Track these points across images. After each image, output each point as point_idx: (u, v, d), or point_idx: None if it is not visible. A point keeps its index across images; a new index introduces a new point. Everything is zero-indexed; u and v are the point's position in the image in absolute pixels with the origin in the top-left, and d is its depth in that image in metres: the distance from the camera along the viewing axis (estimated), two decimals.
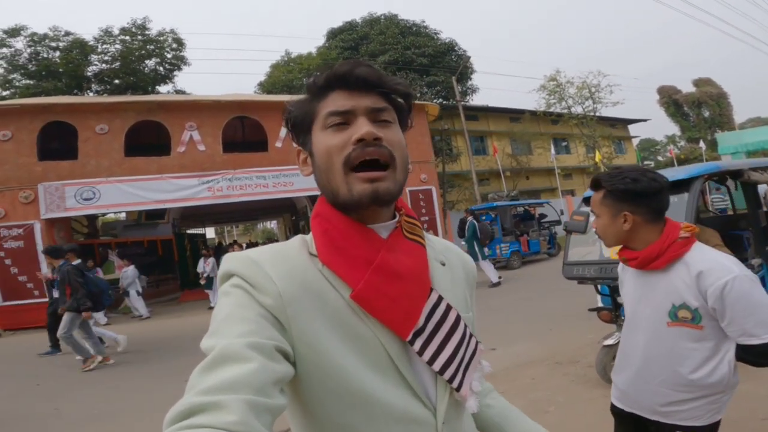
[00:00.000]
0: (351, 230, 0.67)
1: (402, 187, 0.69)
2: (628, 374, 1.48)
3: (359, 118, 0.66)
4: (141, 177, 10.94)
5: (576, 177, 27.16)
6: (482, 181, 21.83)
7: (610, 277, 3.54)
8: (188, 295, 13.56)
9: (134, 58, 16.81)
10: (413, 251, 0.69)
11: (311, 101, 0.70)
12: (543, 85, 21.86)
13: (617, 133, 29.69)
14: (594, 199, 1.44)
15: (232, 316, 0.58)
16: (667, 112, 35.37)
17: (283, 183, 12.17)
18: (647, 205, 1.34)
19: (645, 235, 1.36)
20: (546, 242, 13.78)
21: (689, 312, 1.29)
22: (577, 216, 4.14)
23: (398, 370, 0.64)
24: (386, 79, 0.68)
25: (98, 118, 10.95)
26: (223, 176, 11.65)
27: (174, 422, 0.45)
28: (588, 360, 3.83)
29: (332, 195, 0.68)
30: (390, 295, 0.64)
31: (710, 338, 1.30)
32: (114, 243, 13.38)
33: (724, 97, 34.29)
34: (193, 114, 11.80)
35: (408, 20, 22.39)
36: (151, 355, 6.41)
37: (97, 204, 10.55)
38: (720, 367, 1.30)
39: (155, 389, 4.62)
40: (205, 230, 24.84)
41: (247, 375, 0.49)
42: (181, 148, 11.54)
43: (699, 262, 1.28)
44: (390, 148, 0.66)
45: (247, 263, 0.63)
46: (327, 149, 0.66)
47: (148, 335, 8.11)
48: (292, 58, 22.31)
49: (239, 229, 47.10)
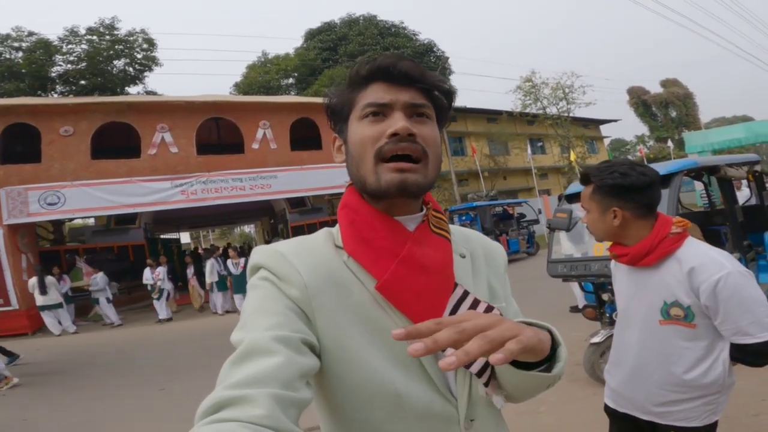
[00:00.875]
0: (378, 221, 0.67)
1: (432, 183, 0.68)
2: (621, 374, 1.43)
3: (396, 113, 0.66)
4: (109, 180, 10.51)
5: (552, 177, 27.69)
6: (461, 181, 21.97)
7: (595, 274, 3.53)
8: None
9: (102, 58, 16.23)
10: (439, 245, 0.69)
11: (351, 90, 0.70)
12: (519, 86, 22.24)
13: (590, 133, 30.44)
14: (583, 194, 1.40)
15: (260, 309, 0.59)
16: (637, 113, 36.41)
17: (260, 185, 11.91)
18: (637, 200, 1.30)
19: (636, 231, 1.32)
20: (525, 241, 13.94)
21: (681, 310, 1.26)
22: (560, 213, 4.14)
23: (422, 364, 0.63)
24: (428, 75, 0.68)
25: (63, 119, 10.47)
26: (198, 179, 11.32)
27: (205, 416, 0.46)
28: (575, 358, 3.81)
29: (361, 183, 0.68)
30: (415, 288, 0.64)
31: (704, 337, 1.26)
32: (82, 249, 12.82)
33: (690, 97, 35.33)
34: (165, 115, 11.43)
35: (387, 21, 22.52)
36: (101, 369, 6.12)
37: (62, 209, 10.06)
38: (714, 367, 1.26)
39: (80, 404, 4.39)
40: (179, 235, 24.13)
41: (274, 369, 0.50)
42: (152, 151, 11.17)
43: (691, 258, 1.24)
44: (423, 145, 0.66)
45: (274, 255, 0.65)
46: (361, 139, 0.67)
47: (116, 343, 7.76)
48: (270, 59, 22.06)
49: (215, 233, 46.11)
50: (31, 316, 9.38)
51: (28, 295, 9.14)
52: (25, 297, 9.26)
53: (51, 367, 6.37)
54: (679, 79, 36.65)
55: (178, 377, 5.06)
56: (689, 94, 35.37)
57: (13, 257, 9.50)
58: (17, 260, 9.72)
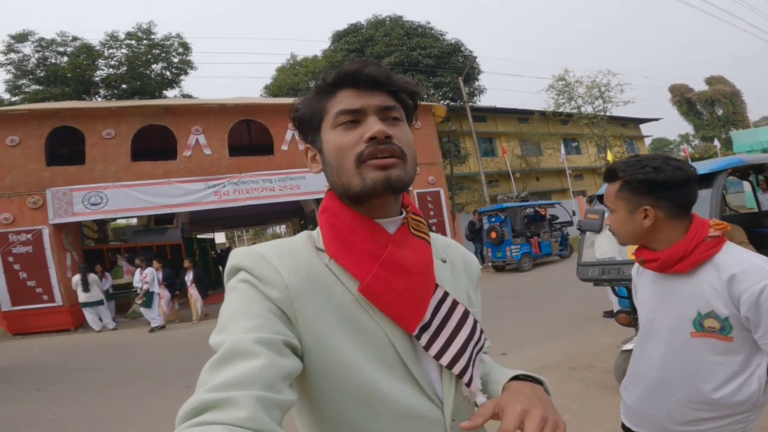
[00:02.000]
0: (358, 224, 0.67)
1: (411, 180, 0.69)
2: (639, 390, 1.30)
3: (370, 117, 0.66)
4: (147, 182, 10.94)
5: (587, 177, 26.79)
6: (491, 182, 21.57)
7: (628, 279, 3.34)
8: None
9: (140, 62, 16.86)
10: (419, 247, 0.70)
11: (320, 99, 0.70)
12: (551, 85, 21.57)
13: (629, 133, 29.27)
14: (608, 192, 1.25)
15: (240, 312, 0.58)
16: (680, 111, 34.96)
17: (289, 186, 12.10)
18: (671, 198, 1.15)
19: (668, 234, 1.17)
20: (558, 243, 13.49)
21: (717, 321, 1.11)
22: (592, 215, 3.95)
23: (405, 365, 0.64)
24: (394, 78, 0.69)
25: (105, 122, 10.99)
26: (229, 180, 11.63)
27: (186, 419, 0.45)
28: (605, 365, 3.63)
29: (343, 189, 0.68)
30: (397, 289, 0.64)
31: (739, 351, 1.12)
32: (123, 248, 13.42)
33: (738, 95, 33.86)
34: (199, 118, 11.81)
35: (413, 21, 22.24)
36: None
37: (104, 209, 10.56)
38: (749, 383, 1.12)
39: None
40: (214, 235, 24.89)
41: (256, 371, 0.50)
42: (188, 152, 11.54)
43: (731, 264, 1.09)
44: (400, 146, 0.66)
45: (254, 257, 0.64)
46: (339, 147, 0.67)
47: (150, 342, 8.02)
48: (298, 62, 22.30)
49: (249, 233, 47.29)
50: (74, 313, 9.85)
51: (71, 292, 9.61)
52: (68, 294, 9.75)
53: (87, 363, 6.66)
54: (725, 77, 34.98)
55: None
56: (737, 91, 33.89)
57: (58, 255, 10.03)
58: (62, 258, 10.26)
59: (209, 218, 17.93)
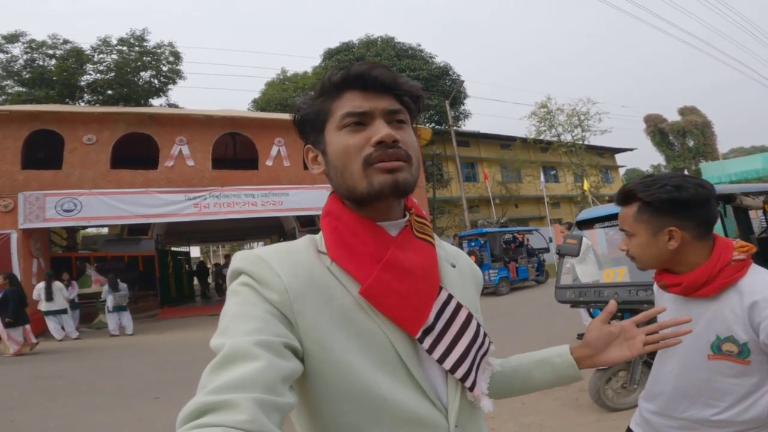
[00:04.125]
0: (360, 227, 0.67)
1: (416, 183, 0.69)
2: (656, 405, 1.30)
3: (377, 120, 0.66)
4: (125, 190, 10.73)
5: (564, 206, 27.46)
6: (472, 207, 21.89)
7: (604, 300, 3.45)
8: (168, 313, 13.23)
9: (130, 69, 16.73)
10: (423, 250, 0.69)
11: (324, 100, 0.69)
12: (534, 112, 22.26)
13: (605, 162, 30.13)
14: (625, 215, 1.21)
15: (240, 315, 0.58)
16: (653, 141, 34.95)
17: (272, 202, 12.04)
18: (695, 217, 1.10)
19: (693, 256, 1.13)
20: (534, 269, 13.73)
21: (736, 346, 1.09)
22: (571, 240, 4.09)
23: (407, 368, 0.63)
24: (401, 82, 0.69)
25: (87, 128, 10.80)
26: (211, 193, 11.50)
27: (186, 422, 0.45)
28: (579, 385, 3.70)
29: (348, 191, 0.68)
30: (399, 291, 0.64)
31: (755, 374, 1.11)
32: (93, 257, 13.00)
33: (709, 126, 33.77)
34: (184, 128, 11.73)
35: (404, 43, 22.77)
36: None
37: (77, 216, 10.27)
38: (759, 403, 1.11)
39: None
40: (189, 248, 24.32)
41: (255, 373, 0.50)
42: (170, 163, 11.40)
43: (756, 290, 1.06)
44: (407, 149, 0.67)
45: (254, 260, 0.64)
46: (345, 149, 0.66)
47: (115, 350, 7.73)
48: (288, 77, 22.39)
49: (225, 249, 46.37)
50: (36, 320, 9.43)
51: (34, 300, 9.23)
52: (31, 301, 9.34)
53: (46, 371, 6.36)
54: (697, 107, 35.06)
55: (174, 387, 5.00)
56: (707, 122, 33.74)
57: (24, 261, 9.65)
58: (28, 264, 9.88)
59: (185, 231, 17.59)
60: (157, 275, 14.86)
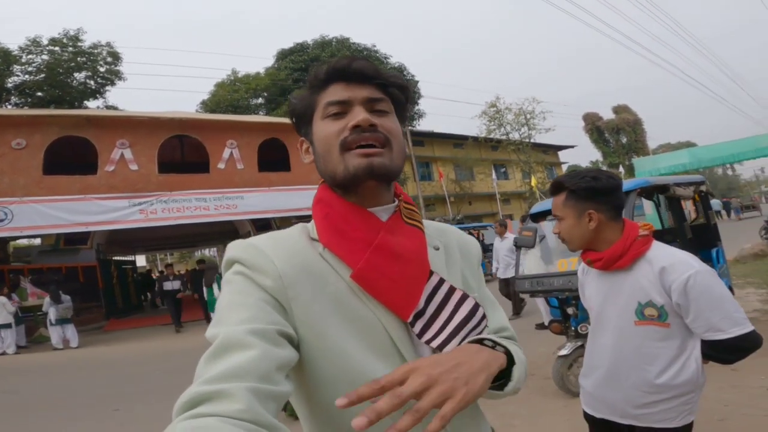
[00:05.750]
0: (351, 213, 0.69)
1: (399, 170, 0.71)
2: (597, 376, 1.43)
3: (356, 107, 0.68)
4: (61, 197, 9.98)
5: (514, 202, 28.61)
6: (428, 206, 22.29)
7: (559, 289, 3.64)
8: (115, 324, 12.51)
9: (62, 70, 15.57)
10: (413, 234, 0.71)
11: (312, 94, 0.73)
12: (484, 112, 23.00)
13: (549, 159, 31.64)
14: (556, 203, 1.43)
15: (234, 304, 0.59)
16: (591, 139, 37.27)
17: (226, 206, 11.65)
18: (609, 202, 1.35)
19: (608, 234, 1.36)
20: (489, 264, 14.20)
21: (655, 309, 1.29)
22: (526, 231, 4.28)
23: (400, 352, 0.64)
24: (383, 72, 0.71)
25: (16, 132, 9.95)
26: (158, 198, 10.94)
27: (181, 411, 0.46)
28: (543, 372, 3.88)
29: (331, 177, 0.70)
30: (390, 275, 0.65)
31: (676, 336, 1.29)
32: (27, 269, 11.98)
33: (639, 123, 36.10)
34: (126, 131, 11.07)
35: (360, 44, 22.78)
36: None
37: (8, 226, 9.46)
38: (687, 366, 1.29)
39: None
40: (135, 257, 22.96)
41: (250, 362, 0.50)
42: (110, 167, 10.73)
43: (661, 258, 1.29)
44: (385, 133, 0.68)
45: (247, 248, 0.65)
46: (326, 135, 0.69)
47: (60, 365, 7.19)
48: (239, 78, 21.73)
49: (174, 256, 44.17)
50: None
51: None
52: None
53: None
54: (629, 106, 37.46)
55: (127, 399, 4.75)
56: (638, 120, 36.13)
57: None
58: None
59: (130, 239, 16.57)
60: (101, 286, 13.95)
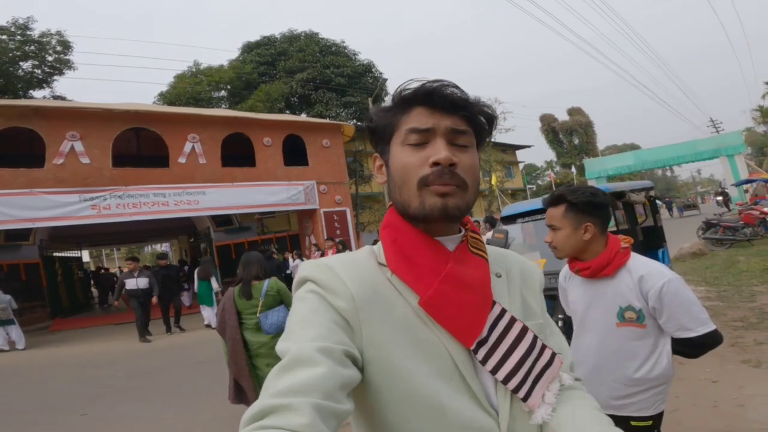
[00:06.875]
0: (419, 241, 0.70)
1: (470, 207, 0.71)
2: (582, 372, 1.58)
3: (438, 139, 0.68)
4: (4, 191, 9.27)
5: None
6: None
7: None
8: (61, 324, 11.81)
9: (7, 59, 14.35)
10: (478, 264, 0.72)
11: (395, 113, 0.71)
12: None
13: (507, 158, 32.76)
14: (554, 214, 1.55)
15: (305, 321, 0.61)
16: (546, 139, 39.13)
17: (186, 201, 11.25)
18: (601, 216, 1.51)
19: (596, 246, 1.51)
20: None
21: (634, 312, 1.48)
22: (498, 234, 4.52)
23: (463, 378, 0.66)
24: (472, 102, 0.70)
25: None
26: (112, 193, 10.39)
27: (250, 422, 0.48)
28: None
29: (403, 207, 0.70)
30: (457, 303, 0.67)
31: (651, 335, 1.49)
32: None
33: (591, 125, 38.38)
34: (76, 123, 10.42)
35: (328, 39, 22.35)
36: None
37: None
38: (660, 360, 1.49)
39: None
40: (80, 253, 21.61)
41: (316, 379, 0.52)
42: (59, 160, 10.07)
43: (639, 268, 1.47)
44: (463, 176, 0.68)
45: (322, 268, 0.67)
46: (404, 166, 0.69)
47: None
48: (202, 70, 20.79)
49: (121, 252, 41.86)
50: None
51: None
52: None
53: None
54: (582, 108, 39.54)
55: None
56: (590, 122, 38.36)
57: None
58: None
59: (75, 234, 15.60)
60: (44, 284, 13.07)
